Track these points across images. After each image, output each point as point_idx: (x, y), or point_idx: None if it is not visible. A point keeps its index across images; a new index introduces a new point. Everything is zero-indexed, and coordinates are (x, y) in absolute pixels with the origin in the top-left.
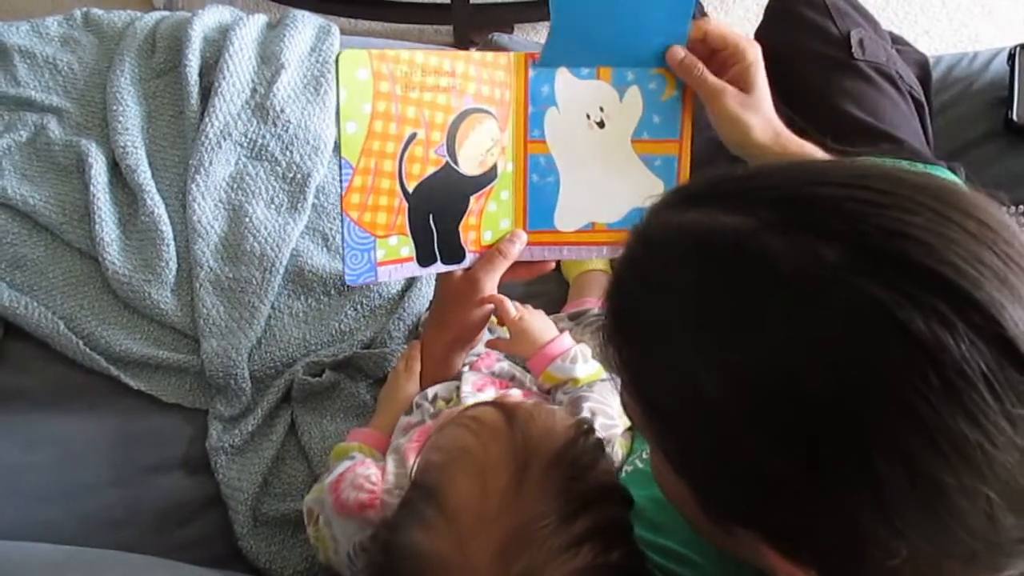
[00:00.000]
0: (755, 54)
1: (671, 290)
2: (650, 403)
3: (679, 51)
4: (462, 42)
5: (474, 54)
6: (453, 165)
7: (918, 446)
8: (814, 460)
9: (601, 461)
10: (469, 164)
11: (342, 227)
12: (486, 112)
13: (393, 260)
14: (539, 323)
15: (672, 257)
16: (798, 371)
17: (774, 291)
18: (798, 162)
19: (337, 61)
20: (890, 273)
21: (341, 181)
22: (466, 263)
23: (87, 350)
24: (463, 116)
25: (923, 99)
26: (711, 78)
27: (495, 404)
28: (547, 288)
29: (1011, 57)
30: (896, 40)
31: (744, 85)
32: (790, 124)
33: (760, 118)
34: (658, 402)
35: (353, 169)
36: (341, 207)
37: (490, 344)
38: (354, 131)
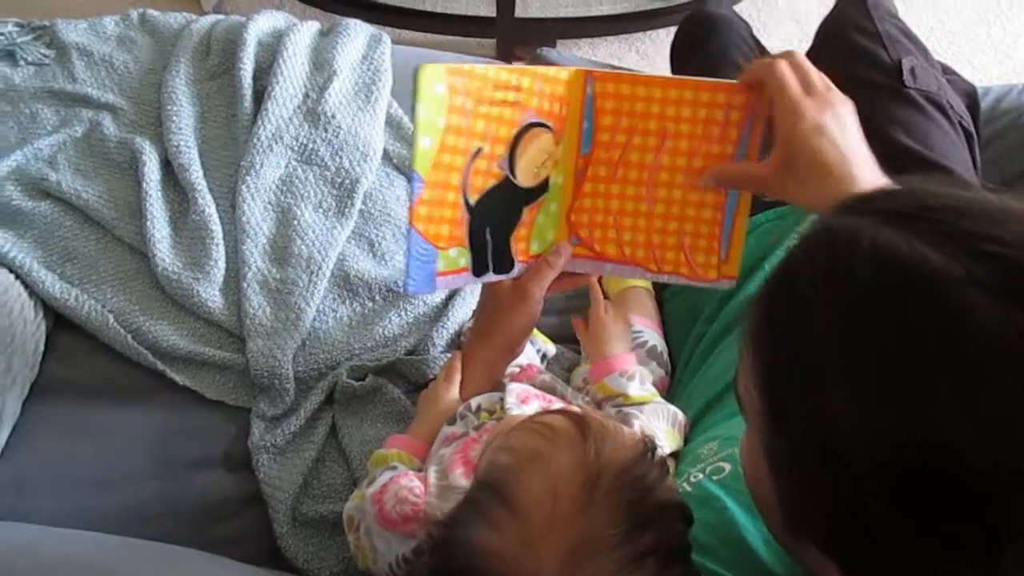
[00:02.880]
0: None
1: (847, 314)
2: (776, 407)
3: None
4: (505, 56)
5: (539, 69)
6: (511, 178)
7: None
8: (936, 528)
9: (667, 478)
10: (526, 176)
11: (408, 238)
12: (544, 126)
13: (451, 271)
14: (617, 331)
15: (859, 278)
16: (961, 450)
17: (966, 361)
18: (1014, 209)
19: (416, 76)
20: None
21: (411, 194)
22: (514, 272)
23: (135, 344)
24: (525, 130)
25: (972, 129)
26: (794, 89)
27: (567, 413)
28: (587, 302)
29: None
30: (945, 70)
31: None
32: None
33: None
34: (786, 412)
35: (423, 183)
36: (409, 219)
37: (576, 321)
38: (428, 145)
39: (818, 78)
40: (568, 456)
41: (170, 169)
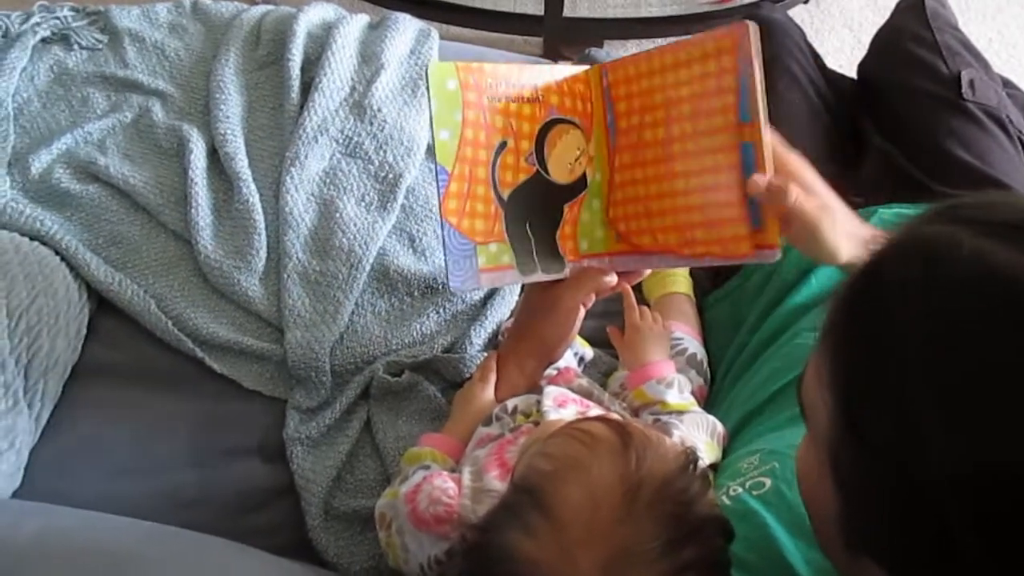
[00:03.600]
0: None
1: (943, 327)
2: (854, 419)
3: (760, 178)
4: (552, 55)
5: (554, 67)
6: (544, 173)
7: None
8: (1013, 551)
9: (708, 492)
10: (559, 172)
11: (442, 232)
12: (570, 123)
13: (494, 267)
14: (655, 338)
15: (957, 290)
16: None
17: None
18: None
19: (426, 73)
20: None
21: (438, 187)
22: (566, 272)
23: (175, 331)
24: (550, 126)
25: None
26: (810, 203)
27: (608, 421)
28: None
29: None
30: (1005, 83)
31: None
32: (891, 160)
33: (857, 229)
34: (865, 425)
35: (449, 175)
36: (440, 213)
37: (611, 329)
38: (447, 138)
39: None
40: (609, 466)
41: (216, 157)
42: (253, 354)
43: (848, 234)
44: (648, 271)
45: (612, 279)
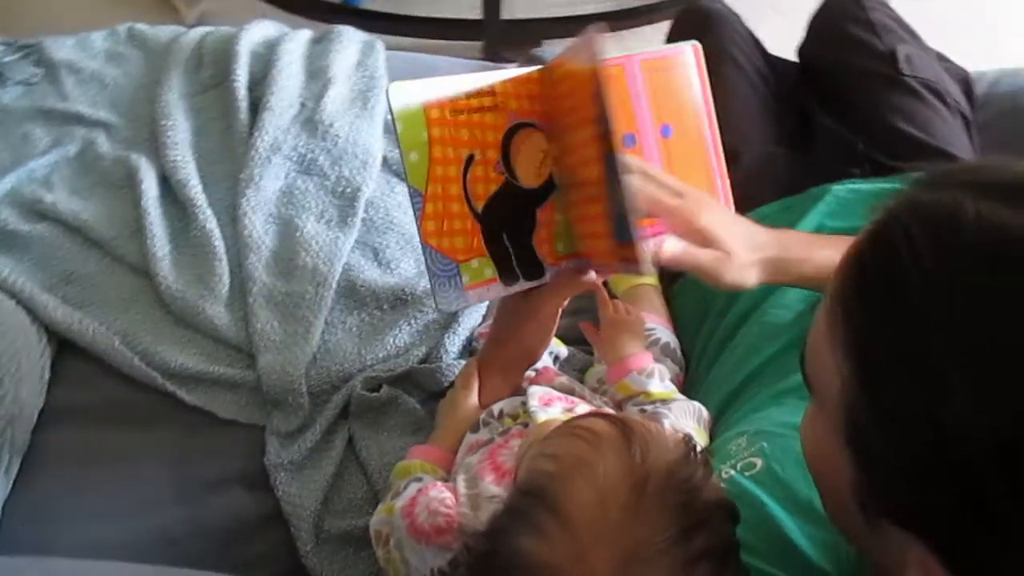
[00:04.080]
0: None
1: (952, 290)
2: (874, 386)
3: (669, 245)
4: (492, 58)
5: (509, 71)
6: (513, 180)
7: None
8: None
9: (712, 477)
10: (528, 177)
11: (425, 257)
12: (531, 126)
13: (479, 283)
14: (631, 330)
15: (968, 252)
16: None
17: None
18: None
19: (388, 96)
20: None
21: (414, 211)
22: (547, 277)
23: (143, 366)
24: (513, 131)
25: (969, 115)
26: (703, 253)
27: (606, 416)
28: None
29: None
30: (939, 58)
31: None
32: (839, 138)
33: (756, 252)
34: (887, 391)
35: (423, 197)
36: (420, 238)
37: (584, 325)
38: (417, 160)
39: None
40: (614, 461)
41: (168, 185)
42: (226, 383)
43: (754, 262)
44: None
45: (591, 277)
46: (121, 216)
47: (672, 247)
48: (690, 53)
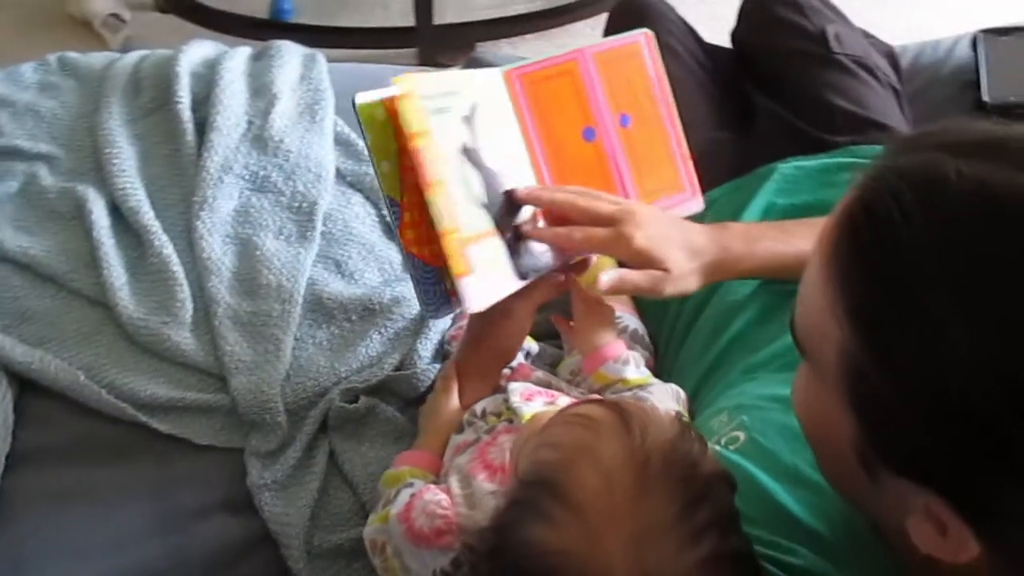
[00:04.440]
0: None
1: (944, 241)
2: (869, 328)
3: (604, 281)
4: (428, 63)
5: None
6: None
7: None
8: None
9: (708, 450)
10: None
11: (407, 266)
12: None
13: None
14: (602, 321)
15: (951, 205)
16: None
17: None
18: None
19: (355, 107)
20: None
21: (393, 221)
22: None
23: (111, 398)
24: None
25: (898, 87)
26: (639, 277)
27: (601, 402)
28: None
29: (974, 43)
30: (865, 35)
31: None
32: (779, 118)
33: (695, 259)
34: (883, 333)
35: (400, 206)
36: (402, 247)
37: (555, 318)
38: (389, 168)
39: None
40: (616, 444)
41: (119, 214)
42: (199, 408)
43: (693, 270)
44: (595, 259)
45: (561, 278)
46: (73, 249)
47: (609, 278)
48: (643, 41)
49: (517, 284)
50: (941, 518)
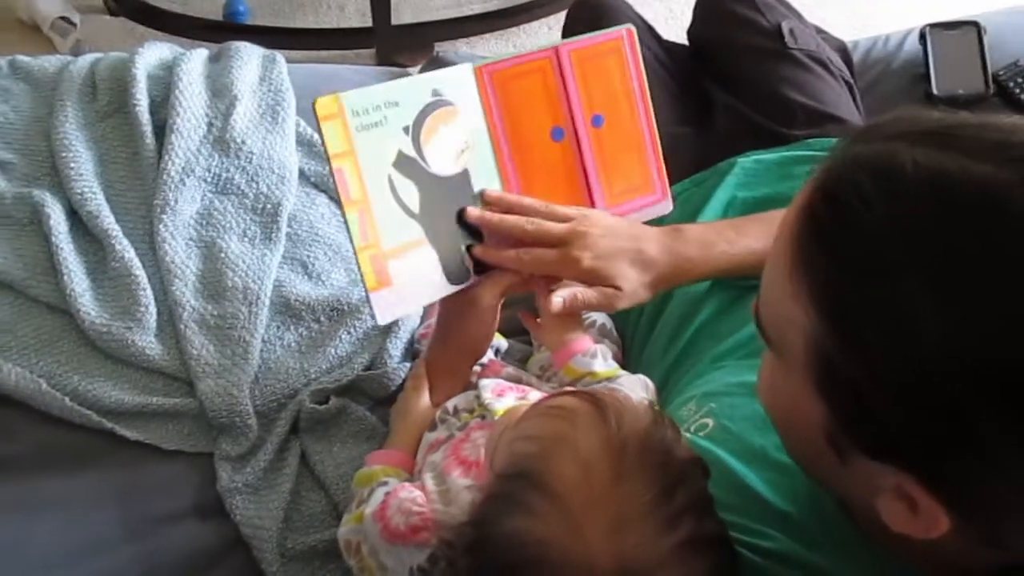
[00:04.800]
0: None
1: (905, 227)
2: (836, 314)
3: (556, 302)
4: (386, 64)
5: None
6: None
7: None
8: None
9: (681, 436)
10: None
11: (358, 269)
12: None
13: None
14: (569, 316)
15: (909, 193)
16: None
17: None
18: (1008, 123)
19: (314, 109)
20: None
21: (349, 229)
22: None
23: (75, 406)
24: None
25: (851, 80)
26: (590, 295)
27: (575, 393)
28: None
29: (922, 37)
30: (818, 30)
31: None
32: (738, 113)
33: (647, 272)
34: (850, 318)
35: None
36: (353, 250)
37: (523, 315)
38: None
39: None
40: (593, 433)
41: (78, 219)
42: (166, 413)
43: (645, 284)
44: None
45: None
46: (31, 255)
47: (558, 301)
48: (624, 38)
49: (448, 290)
50: (912, 496)
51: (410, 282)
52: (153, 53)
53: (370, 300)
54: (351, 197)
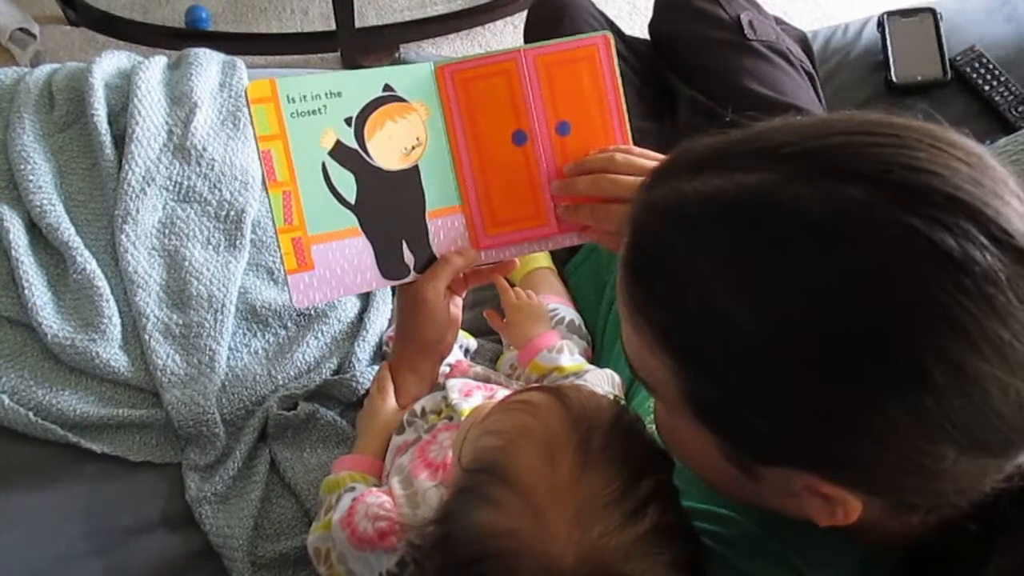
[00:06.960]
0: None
1: (702, 254)
2: (680, 350)
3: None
4: (352, 67)
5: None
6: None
7: (962, 350)
8: (866, 384)
9: (645, 427)
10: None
11: (280, 251)
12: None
13: None
14: (534, 313)
15: (697, 224)
16: (841, 302)
17: (807, 234)
18: (797, 120)
19: (245, 94)
20: (915, 202)
21: (271, 206)
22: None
23: (39, 420)
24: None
25: (812, 70)
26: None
27: (539, 388)
28: (496, 293)
29: (880, 25)
30: (777, 21)
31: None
32: (700, 105)
33: None
34: (691, 348)
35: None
36: (276, 233)
37: (488, 313)
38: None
39: None
40: (556, 424)
41: (37, 232)
42: (132, 425)
43: None
44: (518, 262)
45: (468, 257)
46: None
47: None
48: (600, 45)
49: (383, 283)
50: (820, 490)
51: (336, 269)
52: (111, 62)
53: (288, 282)
54: (276, 179)
